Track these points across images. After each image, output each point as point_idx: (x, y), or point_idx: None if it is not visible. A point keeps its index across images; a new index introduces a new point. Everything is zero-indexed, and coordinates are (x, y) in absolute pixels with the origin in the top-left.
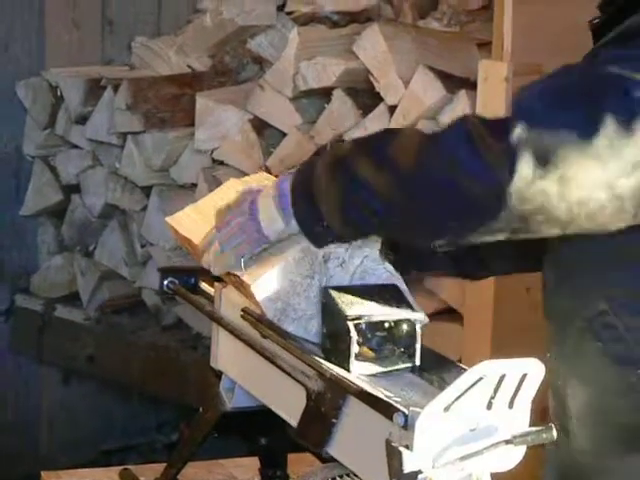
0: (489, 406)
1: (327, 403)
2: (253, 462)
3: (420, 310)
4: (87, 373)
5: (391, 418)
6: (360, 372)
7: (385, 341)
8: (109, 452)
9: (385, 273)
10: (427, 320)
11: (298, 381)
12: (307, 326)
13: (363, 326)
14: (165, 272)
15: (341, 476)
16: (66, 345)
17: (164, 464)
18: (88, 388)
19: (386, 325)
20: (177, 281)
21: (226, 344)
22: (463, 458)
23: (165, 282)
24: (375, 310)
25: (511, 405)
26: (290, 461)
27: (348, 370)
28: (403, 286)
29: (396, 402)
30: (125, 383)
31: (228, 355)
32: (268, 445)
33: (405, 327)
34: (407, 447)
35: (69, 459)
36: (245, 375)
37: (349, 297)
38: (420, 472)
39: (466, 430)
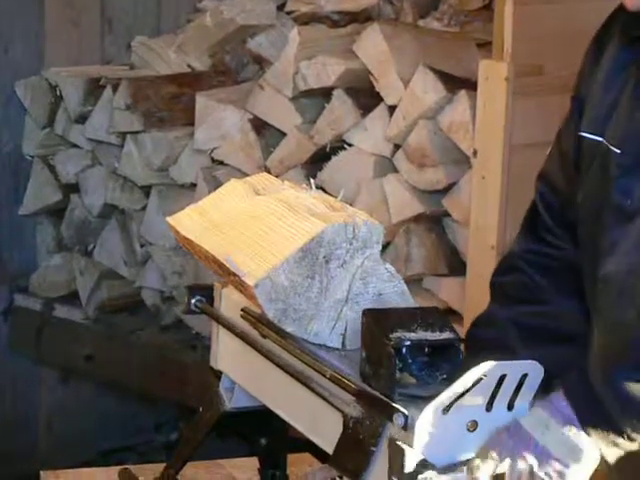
0: (489, 407)
1: (366, 430)
2: (252, 462)
3: None
4: (86, 373)
5: (391, 419)
6: (401, 398)
7: (427, 366)
8: (108, 452)
9: (386, 273)
10: None
11: (335, 407)
12: (307, 326)
13: (404, 350)
14: (192, 290)
15: (340, 476)
16: (65, 345)
17: (163, 464)
18: (87, 388)
19: (428, 350)
20: (204, 299)
21: (226, 344)
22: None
23: (193, 300)
24: (417, 334)
25: (511, 407)
26: (290, 461)
27: (388, 396)
28: (404, 287)
29: (396, 403)
30: (124, 383)
31: (228, 355)
32: (268, 445)
33: (448, 352)
34: None
35: (68, 459)
36: (245, 375)
37: (390, 320)
38: (420, 472)
39: (465, 431)
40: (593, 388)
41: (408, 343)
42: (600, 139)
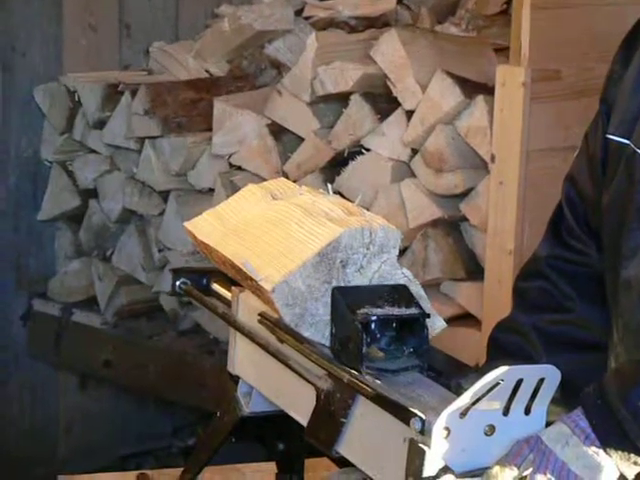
0: (506, 412)
1: (336, 403)
2: (270, 467)
3: (436, 315)
4: (104, 378)
5: (408, 423)
6: (369, 372)
7: (394, 341)
8: (126, 457)
9: (403, 278)
10: (444, 325)
11: (308, 381)
12: (324, 331)
13: (372, 326)
14: (177, 273)
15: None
16: (83, 350)
17: (181, 469)
18: (105, 393)
19: (394, 325)
20: (189, 282)
21: (243, 349)
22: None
23: (177, 283)
24: (384, 310)
25: (528, 411)
26: (307, 466)
27: (357, 370)
28: (421, 292)
29: (412, 407)
30: (142, 388)
31: (245, 360)
32: (285, 450)
33: (414, 326)
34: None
35: (86, 463)
36: (261, 379)
37: (358, 297)
38: (439, 476)
39: (483, 435)
40: (609, 405)
41: (374, 318)
42: (627, 142)
